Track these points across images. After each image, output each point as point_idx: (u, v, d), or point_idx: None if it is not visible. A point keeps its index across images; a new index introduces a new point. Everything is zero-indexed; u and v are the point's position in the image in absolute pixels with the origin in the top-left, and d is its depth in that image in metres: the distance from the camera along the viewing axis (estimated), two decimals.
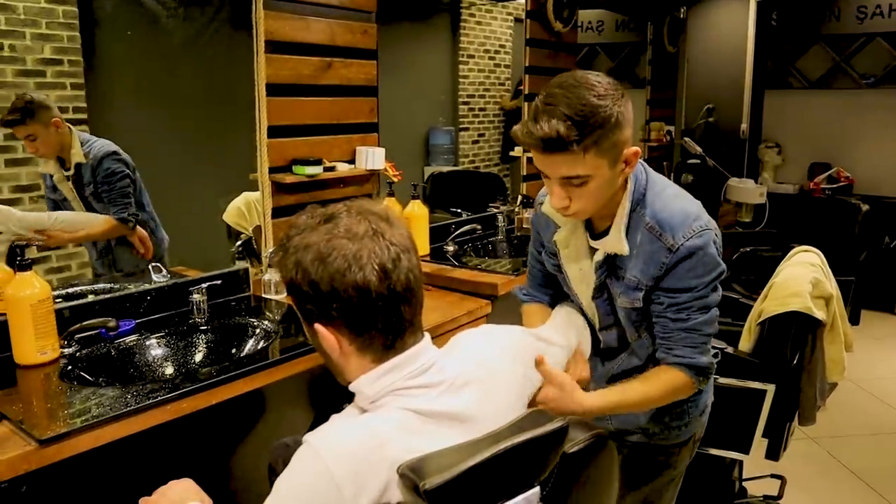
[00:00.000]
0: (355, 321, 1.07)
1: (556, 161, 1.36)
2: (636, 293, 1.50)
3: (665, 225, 1.45)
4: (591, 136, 1.32)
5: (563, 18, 4.02)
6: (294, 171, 2.55)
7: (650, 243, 1.46)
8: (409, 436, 1.05)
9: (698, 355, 1.49)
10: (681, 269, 1.44)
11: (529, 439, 1.05)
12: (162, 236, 2.39)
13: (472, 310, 2.48)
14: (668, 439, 1.69)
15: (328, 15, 2.64)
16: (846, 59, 5.86)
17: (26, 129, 2.03)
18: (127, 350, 1.98)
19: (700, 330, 1.48)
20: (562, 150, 1.33)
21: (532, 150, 1.38)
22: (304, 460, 1.02)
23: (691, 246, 1.43)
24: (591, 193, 1.40)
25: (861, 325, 4.47)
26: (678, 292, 1.46)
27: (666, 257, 1.44)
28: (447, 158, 3.95)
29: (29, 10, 1.95)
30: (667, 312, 1.48)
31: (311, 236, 1.07)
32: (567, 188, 1.40)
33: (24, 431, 1.45)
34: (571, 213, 1.46)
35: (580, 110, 1.31)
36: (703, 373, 1.50)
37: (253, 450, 1.92)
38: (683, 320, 1.47)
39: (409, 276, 1.08)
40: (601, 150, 1.34)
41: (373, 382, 1.10)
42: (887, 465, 3.37)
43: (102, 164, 2.20)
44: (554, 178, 1.40)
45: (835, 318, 2.32)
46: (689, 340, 1.48)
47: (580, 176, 1.37)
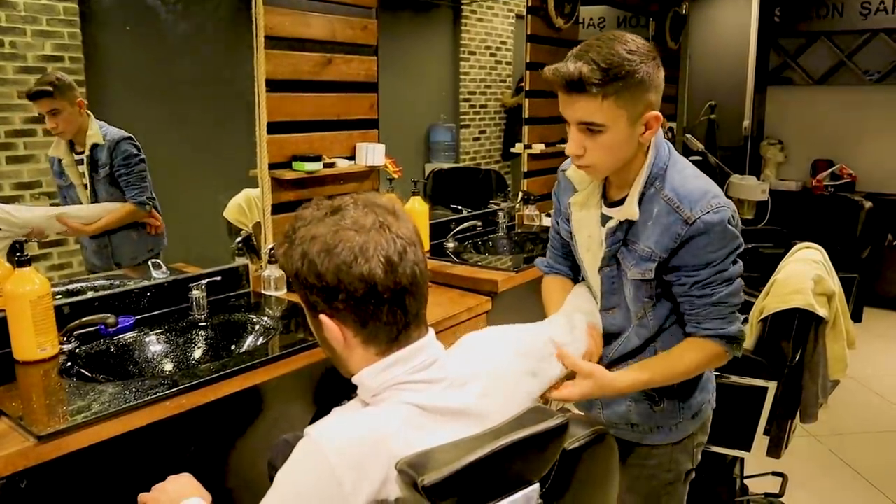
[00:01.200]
0: (360, 313, 1.07)
1: (576, 103, 1.39)
2: (649, 264, 1.50)
3: (683, 198, 1.46)
4: (612, 83, 1.35)
5: (565, 14, 4.01)
6: (294, 167, 2.55)
7: (667, 214, 1.47)
8: (410, 430, 1.04)
9: (727, 325, 1.50)
10: (697, 243, 1.45)
11: (529, 436, 1.04)
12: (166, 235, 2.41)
13: (473, 306, 2.48)
14: (654, 438, 1.68)
15: (328, 10, 2.63)
16: (849, 56, 5.84)
17: (53, 102, 2.06)
18: (126, 346, 1.98)
19: (726, 302, 1.49)
20: (581, 92, 1.37)
21: (557, 91, 1.42)
22: (304, 453, 1.02)
23: (708, 220, 1.43)
24: (605, 146, 1.42)
25: (863, 323, 4.45)
26: (698, 269, 1.47)
27: (682, 229, 1.45)
28: (448, 155, 3.95)
29: (29, 7, 1.95)
30: (691, 291, 1.49)
31: (317, 228, 1.07)
32: (584, 135, 1.42)
33: (23, 428, 1.45)
34: (585, 165, 1.47)
35: (608, 57, 1.35)
36: (734, 341, 1.51)
37: (253, 446, 1.91)
38: (708, 296, 1.48)
39: (415, 269, 1.08)
40: (621, 100, 1.37)
41: (376, 375, 1.10)
42: (889, 463, 3.36)
43: (120, 147, 2.22)
44: (573, 122, 1.43)
45: (837, 315, 2.31)
46: (716, 313, 1.49)
47: (597, 124, 1.39)
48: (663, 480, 1.71)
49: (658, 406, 1.65)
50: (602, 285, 1.64)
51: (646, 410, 1.66)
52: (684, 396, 1.65)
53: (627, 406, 1.67)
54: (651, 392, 1.63)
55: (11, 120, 1.98)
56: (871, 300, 5.35)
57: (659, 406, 1.64)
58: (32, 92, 2.00)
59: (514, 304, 2.67)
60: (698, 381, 1.67)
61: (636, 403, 1.66)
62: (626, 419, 1.68)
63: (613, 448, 1.19)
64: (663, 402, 1.64)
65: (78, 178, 2.18)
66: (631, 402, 1.66)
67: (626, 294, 1.59)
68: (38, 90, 2.01)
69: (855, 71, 5.84)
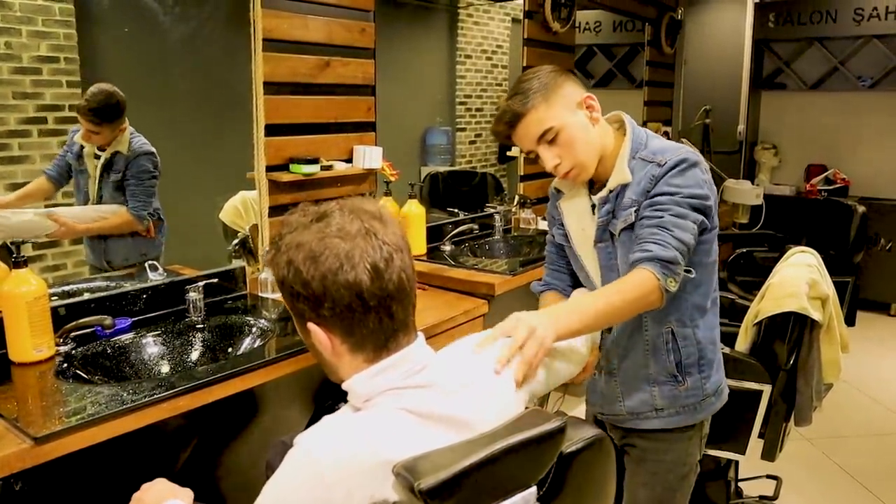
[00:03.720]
0: (347, 321, 1.06)
1: (522, 129, 1.59)
2: (630, 210, 1.59)
3: (658, 153, 1.61)
4: (534, 96, 1.57)
5: (561, 18, 4.02)
6: (291, 169, 2.55)
7: (644, 168, 1.60)
8: (403, 435, 1.04)
9: (662, 249, 1.46)
10: (665, 177, 1.56)
11: (526, 439, 1.04)
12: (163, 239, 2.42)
13: (469, 309, 2.48)
14: (681, 420, 1.72)
15: (326, 13, 2.63)
16: (843, 62, 5.87)
17: (97, 126, 2.15)
18: (123, 348, 1.97)
19: (670, 230, 1.49)
20: (520, 119, 1.58)
21: (508, 140, 1.64)
22: (294, 462, 1.01)
23: (678, 158, 1.57)
24: (570, 143, 1.59)
25: (857, 327, 4.46)
26: (658, 195, 1.56)
27: (656, 171, 1.57)
28: (444, 158, 3.95)
29: (25, 7, 1.95)
30: (644, 212, 1.56)
31: (303, 235, 1.06)
32: (547, 147, 1.60)
33: (19, 429, 1.45)
34: (571, 171, 1.62)
35: (514, 90, 1.60)
36: (667, 267, 1.45)
37: (249, 448, 1.91)
38: (657, 217, 1.52)
39: (402, 275, 1.07)
40: (546, 102, 1.57)
41: (366, 382, 1.09)
42: (883, 466, 3.38)
43: (139, 160, 2.27)
44: (534, 146, 1.61)
45: (831, 319, 2.32)
46: (657, 237, 1.49)
47: (546, 130, 1.58)
48: (679, 474, 1.77)
49: (682, 385, 1.69)
50: (599, 260, 1.70)
51: (671, 392, 1.70)
52: (705, 373, 1.71)
53: (650, 391, 1.71)
54: (675, 372, 1.68)
55: (6, 121, 1.98)
56: (865, 304, 5.38)
57: (683, 385, 1.69)
58: (80, 107, 2.09)
59: (510, 307, 2.64)
60: (714, 359, 1.74)
61: (659, 386, 1.70)
62: (650, 405, 1.72)
63: (610, 452, 1.19)
64: (686, 381, 1.70)
65: (92, 169, 2.22)
66: (654, 385, 1.71)
67: (620, 261, 1.65)
68: (86, 109, 2.12)
69: (848, 76, 5.86)
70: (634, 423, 1.76)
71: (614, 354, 1.74)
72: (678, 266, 1.47)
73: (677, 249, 1.47)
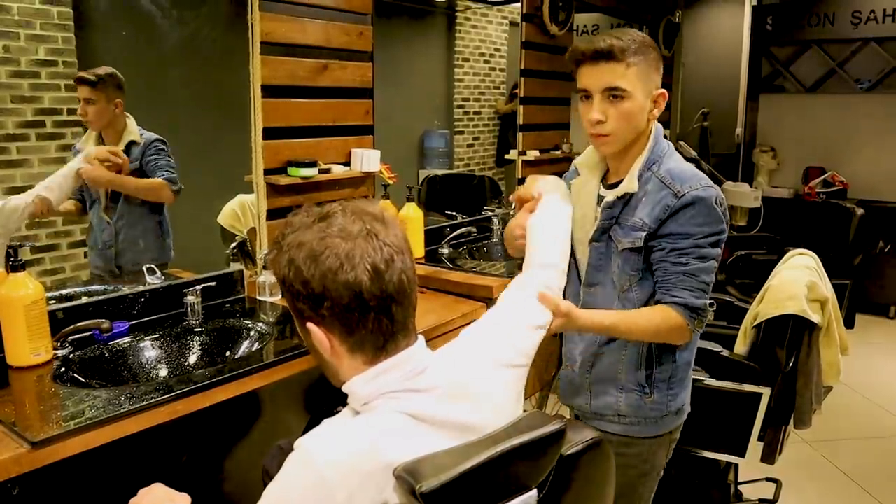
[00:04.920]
0: (346, 321, 1.06)
1: (603, 70, 1.55)
2: (639, 233, 1.60)
3: (675, 177, 1.60)
4: (635, 55, 1.55)
5: (559, 22, 4.03)
6: (289, 172, 2.55)
7: (659, 191, 1.60)
8: (403, 438, 1.04)
9: (693, 298, 1.56)
10: (683, 215, 1.56)
11: (526, 442, 1.04)
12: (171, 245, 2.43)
13: (467, 312, 2.48)
14: (639, 430, 1.72)
15: (324, 17, 2.63)
16: (841, 64, 5.87)
17: (91, 92, 2.13)
18: (121, 352, 1.97)
19: (697, 276, 1.57)
20: (609, 59, 1.54)
21: (581, 66, 1.59)
22: (295, 465, 1.01)
23: (695, 195, 1.56)
24: (625, 114, 1.57)
25: (856, 329, 4.48)
26: (679, 237, 1.57)
27: (671, 201, 1.57)
28: (442, 161, 3.95)
29: (23, 11, 1.95)
30: (668, 257, 1.58)
31: (304, 235, 1.06)
32: (607, 103, 1.57)
33: (16, 434, 1.44)
34: (605, 134, 1.60)
35: (630, 37, 1.57)
36: (697, 314, 1.58)
37: (247, 452, 1.91)
38: (683, 264, 1.56)
39: (403, 277, 1.07)
40: (640, 72, 1.56)
41: (366, 384, 1.09)
42: (882, 469, 3.37)
43: (154, 145, 2.30)
44: (597, 91, 1.57)
45: (830, 321, 2.32)
46: (686, 283, 1.57)
47: (621, 89, 1.55)
48: (641, 471, 1.76)
49: (648, 398, 1.70)
50: (589, 258, 1.71)
51: (636, 401, 1.70)
52: (673, 390, 1.72)
53: (616, 396, 1.72)
54: (644, 383, 1.69)
55: (5, 124, 1.98)
56: (864, 306, 5.38)
57: (649, 397, 1.70)
58: (78, 76, 2.09)
59: None
60: (685, 379, 1.75)
61: (626, 394, 1.71)
62: (614, 409, 1.73)
63: (610, 454, 1.19)
64: (653, 394, 1.70)
65: None
66: (621, 391, 1.71)
67: (612, 269, 1.67)
68: (82, 76, 2.09)
69: (846, 79, 5.87)
70: (598, 423, 1.76)
71: (591, 352, 1.74)
72: (706, 311, 1.59)
73: (706, 293, 1.58)
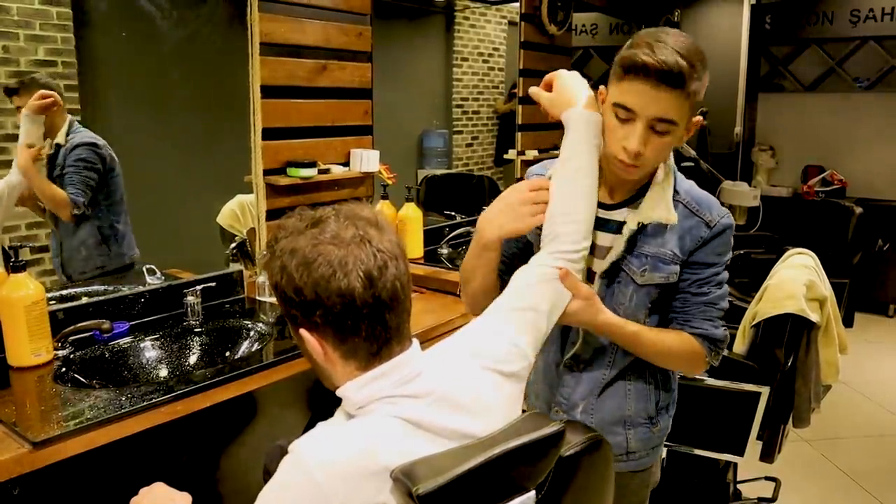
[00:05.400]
0: (339, 328, 1.05)
1: (660, 97, 1.30)
2: (672, 267, 1.47)
3: (702, 202, 1.48)
4: (698, 81, 1.31)
5: (558, 21, 4.03)
6: (288, 173, 2.55)
7: (686, 218, 1.47)
8: (399, 442, 1.03)
9: (714, 328, 1.50)
10: (712, 245, 1.47)
11: (525, 444, 1.04)
12: (129, 250, 2.33)
13: (466, 312, 2.48)
14: (648, 460, 1.62)
15: (323, 17, 2.63)
16: (839, 63, 5.88)
17: (20, 99, 2.01)
18: (121, 352, 1.97)
19: (717, 304, 1.50)
20: (674, 86, 1.29)
21: (631, 83, 1.31)
22: (289, 470, 1.00)
23: (726, 224, 1.47)
24: (664, 146, 1.37)
25: (854, 328, 4.49)
26: (703, 268, 1.48)
27: (704, 232, 1.46)
28: (441, 161, 3.96)
29: (23, 12, 1.95)
30: (689, 288, 1.49)
31: (297, 240, 1.05)
32: (646, 133, 1.34)
33: (17, 434, 1.45)
34: (637, 167, 1.38)
35: (695, 52, 1.31)
36: (717, 345, 1.51)
37: (248, 452, 1.91)
38: (704, 294, 1.49)
39: (396, 283, 1.05)
40: (694, 101, 1.34)
41: (359, 389, 1.08)
42: (881, 467, 3.38)
43: (76, 150, 2.15)
44: (643, 118, 1.33)
45: (829, 320, 2.32)
46: (706, 314, 1.50)
47: (668, 121, 1.33)
48: (642, 496, 1.67)
49: (656, 427, 1.60)
50: None
51: (644, 434, 1.59)
52: (671, 411, 1.64)
53: (625, 435, 1.58)
54: (653, 413, 1.58)
55: (4, 125, 1.98)
56: (863, 305, 5.38)
57: (657, 426, 1.60)
58: (4, 88, 1.98)
59: None
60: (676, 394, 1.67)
61: (635, 428, 1.58)
62: (623, 448, 1.58)
63: (609, 455, 1.18)
64: (659, 422, 1.60)
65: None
66: (630, 428, 1.58)
67: (621, 302, 1.50)
68: (6, 86, 1.98)
69: (845, 78, 5.88)
70: None
71: (596, 394, 1.57)
72: (725, 342, 1.53)
73: (722, 321, 1.52)
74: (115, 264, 2.29)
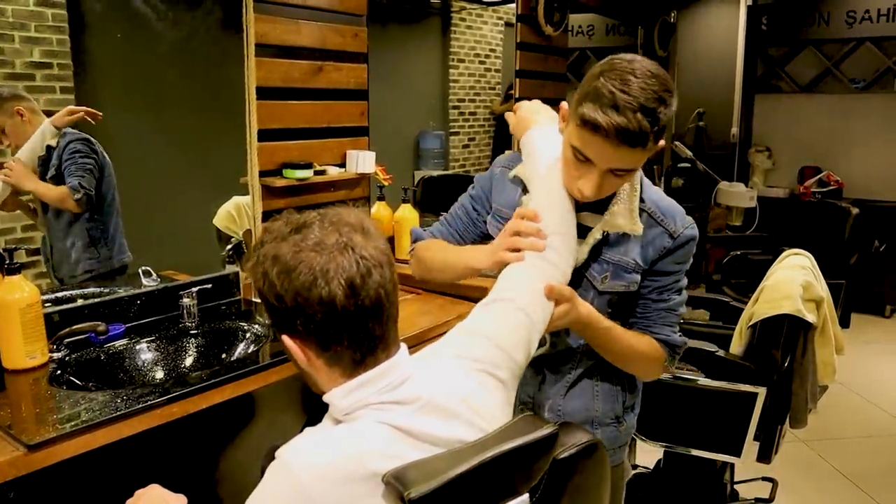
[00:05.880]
0: (321, 336, 1.04)
1: (620, 153, 1.29)
2: (634, 275, 1.49)
3: (666, 212, 1.49)
4: (659, 133, 1.30)
5: (554, 22, 4.03)
6: (284, 174, 2.55)
7: (650, 227, 1.48)
8: (387, 447, 1.02)
9: (673, 334, 1.55)
10: (675, 255, 1.49)
11: (517, 447, 1.03)
12: (120, 254, 2.31)
13: (463, 314, 2.47)
14: (616, 459, 1.64)
15: (319, 18, 2.63)
16: (836, 64, 5.89)
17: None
18: (116, 354, 1.97)
19: (676, 310, 1.55)
20: (634, 145, 1.27)
21: (591, 138, 1.29)
22: (276, 476, 0.99)
23: (689, 235, 1.49)
24: (620, 182, 1.39)
25: (851, 329, 4.49)
26: (664, 275, 1.51)
27: (668, 242, 1.48)
28: (437, 162, 3.96)
29: (18, 13, 1.94)
30: (651, 295, 1.53)
31: (279, 247, 1.03)
32: (602, 176, 1.34)
33: (12, 437, 1.44)
34: (592, 199, 1.39)
35: (658, 107, 1.26)
36: (675, 351, 1.56)
37: (244, 454, 1.91)
38: (665, 301, 1.53)
39: (380, 291, 1.04)
40: (657, 145, 1.32)
41: (345, 396, 1.06)
42: (877, 468, 3.38)
43: (70, 145, 2.13)
44: (601, 167, 1.32)
45: (825, 321, 2.33)
46: (666, 320, 1.54)
47: (627, 170, 1.34)
48: (620, 487, 1.72)
49: (622, 426, 1.63)
50: None
51: (611, 433, 1.61)
52: (636, 409, 1.68)
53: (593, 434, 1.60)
54: (620, 413, 1.61)
55: None
56: (859, 306, 5.39)
57: (623, 426, 1.63)
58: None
59: None
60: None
61: (602, 428, 1.60)
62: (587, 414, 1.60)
63: (605, 457, 1.18)
64: (626, 421, 1.64)
65: None
66: (597, 427, 1.59)
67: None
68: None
69: (841, 79, 5.89)
70: None
71: (562, 394, 1.59)
72: (683, 348, 1.57)
73: (681, 328, 1.56)
74: (105, 268, 2.26)
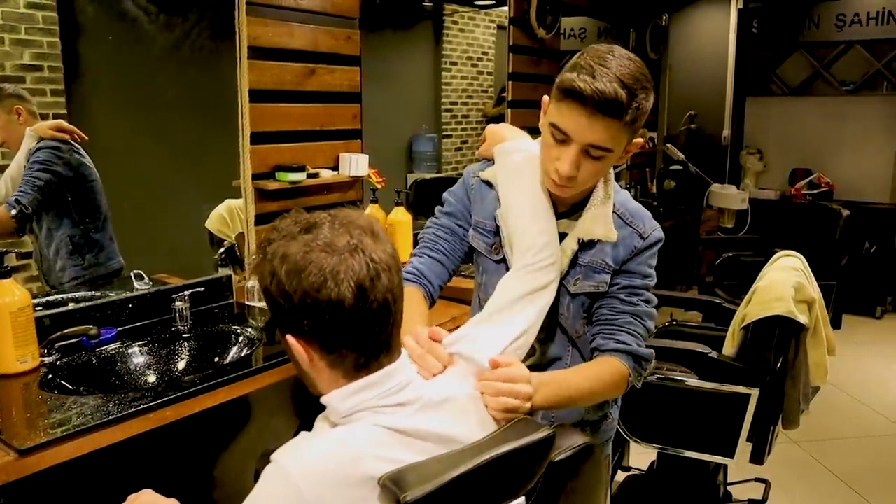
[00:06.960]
0: (327, 337, 1.04)
1: (596, 125, 1.28)
2: (604, 276, 1.48)
3: (635, 214, 1.51)
4: (637, 110, 1.29)
5: (546, 25, 4.04)
6: (277, 177, 2.54)
7: (620, 228, 1.49)
8: (382, 450, 1.01)
9: (639, 345, 1.46)
10: (644, 255, 1.50)
11: (514, 449, 1.03)
12: (109, 260, 2.28)
13: (456, 316, 2.48)
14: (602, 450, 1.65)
15: (311, 21, 2.63)
16: (826, 67, 5.93)
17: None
18: (108, 358, 1.95)
19: (643, 320, 1.48)
20: (611, 115, 1.27)
21: (569, 108, 1.29)
22: (271, 480, 0.99)
23: (658, 236, 1.51)
24: (598, 169, 1.38)
25: (843, 330, 4.52)
26: (635, 276, 1.49)
27: (638, 242, 1.49)
28: (430, 165, 3.95)
29: (8, 16, 1.93)
30: (620, 293, 1.49)
31: (289, 246, 1.03)
32: (583, 157, 1.33)
33: (3, 442, 1.43)
34: (570, 187, 1.39)
35: (636, 81, 1.28)
36: (641, 364, 1.46)
37: (238, 458, 1.90)
38: (633, 304, 1.48)
39: (388, 295, 1.04)
40: (633, 127, 1.32)
41: (344, 399, 1.06)
42: (870, 468, 3.39)
43: (37, 153, 2.07)
44: (577, 143, 1.32)
45: (817, 322, 2.33)
46: (632, 327, 1.47)
47: (603, 148, 1.32)
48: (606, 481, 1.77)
49: (608, 420, 1.67)
50: None
51: (600, 429, 1.66)
52: (619, 402, 1.71)
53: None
54: (607, 409, 1.64)
55: None
56: (850, 307, 5.41)
57: (608, 419, 1.67)
58: None
59: None
60: None
61: (591, 426, 1.63)
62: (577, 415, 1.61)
63: (600, 460, 1.18)
64: (611, 414, 1.67)
65: None
66: (586, 427, 1.61)
67: (561, 313, 1.52)
68: None
69: (831, 81, 5.92)
70: None
71: None
72: (649, 363, 1.48)
73: (647, 341, 1.49)
74: (91, 275, 2.23)
